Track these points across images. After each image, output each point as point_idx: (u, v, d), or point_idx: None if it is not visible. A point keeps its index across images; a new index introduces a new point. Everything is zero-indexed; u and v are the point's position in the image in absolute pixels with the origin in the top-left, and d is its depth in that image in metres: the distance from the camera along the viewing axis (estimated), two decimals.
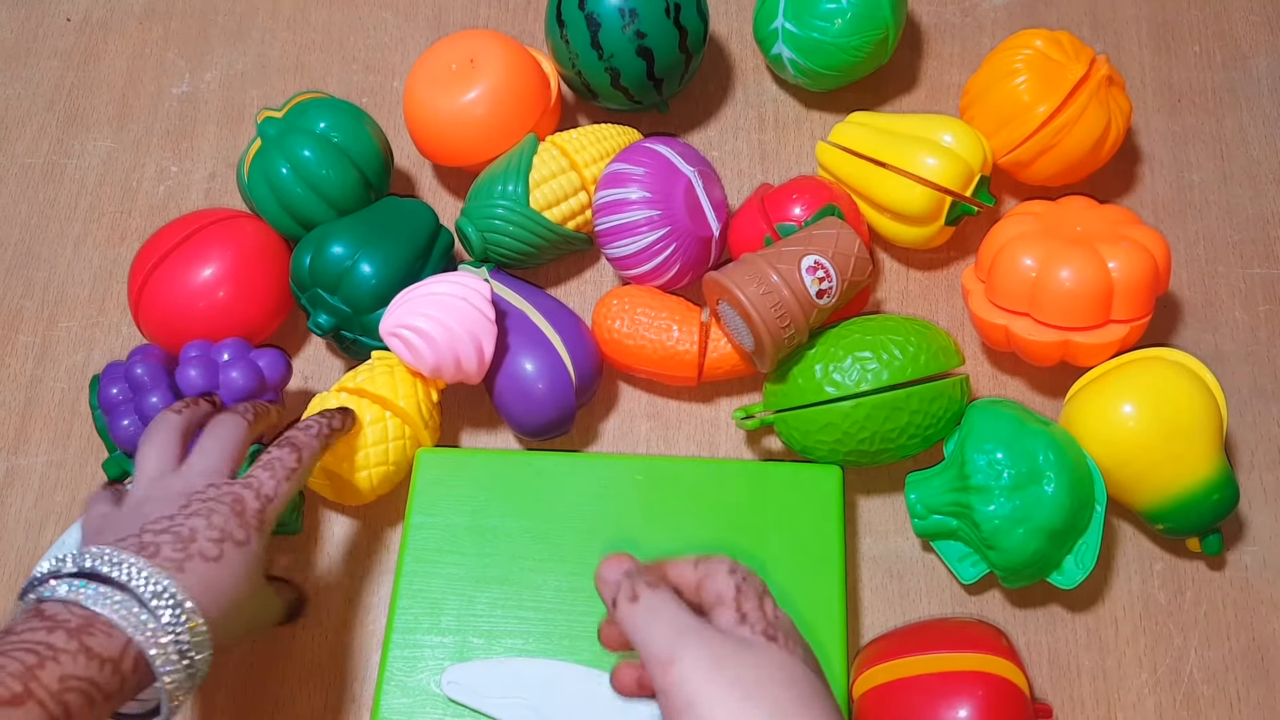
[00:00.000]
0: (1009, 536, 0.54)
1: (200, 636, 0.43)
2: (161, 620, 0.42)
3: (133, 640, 0.41)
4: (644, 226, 0.63)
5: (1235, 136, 0.74)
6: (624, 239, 0.63)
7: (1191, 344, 0.67)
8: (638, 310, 0.63)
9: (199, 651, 0.43)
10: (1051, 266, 0.59)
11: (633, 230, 0.63)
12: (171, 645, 0.42)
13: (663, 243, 0.63)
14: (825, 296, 0.58)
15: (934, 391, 0.57)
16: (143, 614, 0.42)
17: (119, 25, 0.82)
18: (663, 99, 0.71)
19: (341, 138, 0.65)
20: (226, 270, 0.63)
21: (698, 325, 0.63)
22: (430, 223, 0.65)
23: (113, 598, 0.41)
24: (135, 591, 0.42)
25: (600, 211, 0.64)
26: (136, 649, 0.41)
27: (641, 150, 0.65)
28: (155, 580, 0.42)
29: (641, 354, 0.63)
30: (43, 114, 0.78)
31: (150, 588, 0.42)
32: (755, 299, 0.56)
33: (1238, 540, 0.62)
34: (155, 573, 0.43)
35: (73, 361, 0.70)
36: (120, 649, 0.41)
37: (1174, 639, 0.60)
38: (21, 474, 0.67)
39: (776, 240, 0.63)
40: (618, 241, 0.64)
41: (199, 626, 0.43)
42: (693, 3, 0.68)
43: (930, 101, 0.76)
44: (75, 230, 0.74)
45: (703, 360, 0.63)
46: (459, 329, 0.58)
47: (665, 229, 0.63)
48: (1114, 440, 0.57)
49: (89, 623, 0.40)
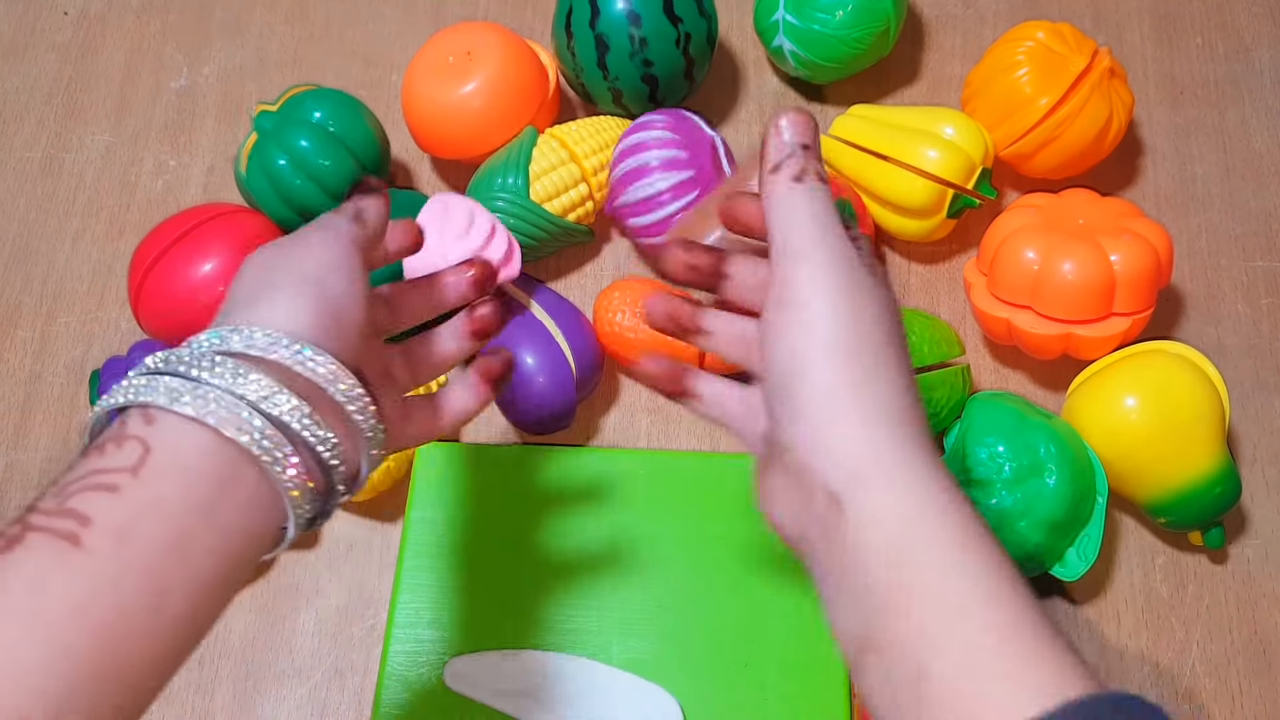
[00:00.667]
0: (1011, 529, 0.54)
1: (269, 341, 0.34)
2: (187, 360, 0.33)
3: (127, 405, 0.32)
4: (664, 168, 0.63)
5: (1238, 129, 0.73)
6: (642, 179, 0.63)
7: (1194, 337, 0.67)
8: (640, 303, 0.63)
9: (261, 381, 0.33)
10: (1053, 259, 0.58)
11: (651, 172, 0.63)
12: (195, 390, 0.32)
13: (684, 187, 0.63)
14: None
15: (936, 380, 0.57)
16: (145, 379, 0.33)
17: (117, 19, 0.81)
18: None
19: (338, 127, 0.65)
20: (227, 265, 0.63)
21: None
22: None
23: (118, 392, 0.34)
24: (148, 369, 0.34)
25: (621, 157, 0.64)
26: (139, 407, 0.32)
27: (666, 111, 0.66)
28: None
29: (643, 347, 0.63)
30: (40, 108, 0.78)
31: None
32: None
33: (1240, 534, 0.62)
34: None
35: (72, 356, 0.70)
36: (119, 422, 0.32)
37: (1176, 632, 0.60)
38: (21, 469, 0.66)
39: None
40: (635, 184, 0.63)
41: (256, 337, 0.33)
42: (703, 33, 0.68)
43: (931, 94, 0.76)
44: (73, 225, 0.74)
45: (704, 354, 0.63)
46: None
47: (689, 172, 0.63)
48: (1116, 433, 0.57)
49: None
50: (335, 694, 0.60)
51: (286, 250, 0.38)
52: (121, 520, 0.29)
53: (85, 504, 0.29)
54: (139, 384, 0.32)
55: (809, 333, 0.35)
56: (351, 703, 0.59)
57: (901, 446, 0.34)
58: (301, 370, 0.34)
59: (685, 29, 0.66)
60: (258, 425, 0.32)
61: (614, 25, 0.65)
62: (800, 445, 0.35)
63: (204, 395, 0.32)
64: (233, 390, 0.32)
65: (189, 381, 0.32)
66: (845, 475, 0.34)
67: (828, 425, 0.34)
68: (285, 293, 0.35)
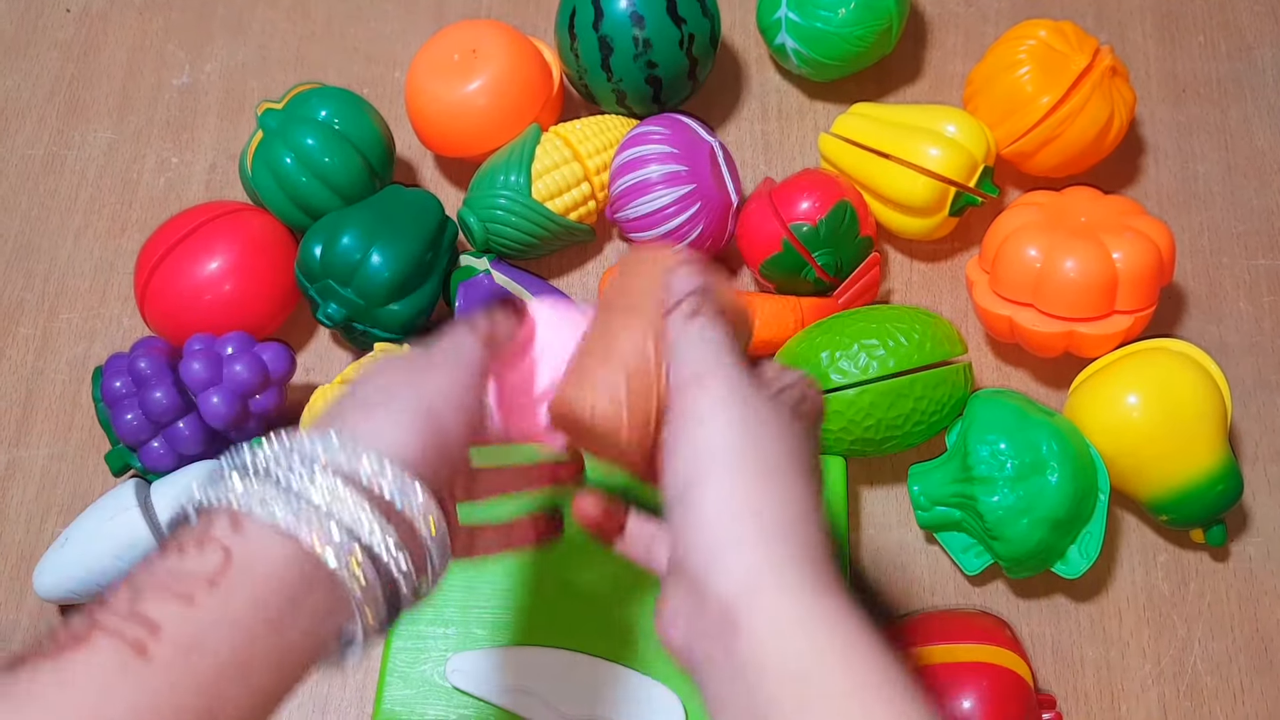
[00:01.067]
0: (1013, 527, 0.54)
1: (375, 467, 0.34)
2: (284, 456, 0.34)
3: (214, 508, 0.33)
4: (666, 184, 0.63)
5: (1240, 127, 0.73)
6: (645, 196, 0.63)
7: (1196, 335, 0.67)
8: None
9: (354, 501, 0.33)
10: (1056, 257, 0.58)
11: (653, 188, 0.63)
12: (286, 496, 0.32)
13: (686, 201, 0.63)
14: None
15: (938, 378, 0.57)
16: (236, 481, 0.33)
17: (119, 16, 0.81)
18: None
19: (343, 125, 0.65)
20: (232, 264, 0.63)
21: None
22: (438, 213, 0.65)
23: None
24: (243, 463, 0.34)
25: (622, 171, 0.64)
26: (227, 511, 0.32)
27: (663, 118, 0.66)
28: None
29: None
30: (43, 105, 0.78)
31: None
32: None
33: (1241, 531, 0.62)
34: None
35: (74, 353, 0.70)
36: (206, 523, 0.32)
37: (1178, 630, 0.60)
38: (23, 466, 0.66)
39: (794, 242, 0.62)
40: (638, 200, 0.63)
41: (333, 436, 0.34)
42: (706, 33, 0.68)
43: (933, 92, 0.76)
44: (76, 222, 0.74)
45: None
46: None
47: (691, 185, 0.63)
48: (1118, 431, 0.57)
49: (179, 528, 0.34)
50: (337, 690, 0.60)
51: (411, 369, 0.39)
52: (191, 634, 0.28)
53: (158, 610, 0.29)
54: (235, 487, 0.32)
55: (706, 445, 0.35)
56: (354, 699, 0.59)
57: (798, 561, 0.33)
58: (399, 503, 0.34)
59: (689, 29, 0.66)
60: (346, 546, 0.32)
61: (617, 27, 0.65)
62: (696, 556, 0.34)
63: (299, 511, 0.32)
64: (330, 511, 0.32)
65: (285, 492, 0.32)
66: (741, 588, 0.33)
67: (724, 535, 0.33)
68: (401, 416, 0.36)
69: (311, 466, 0.33)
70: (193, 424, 0.59)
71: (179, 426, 0.59)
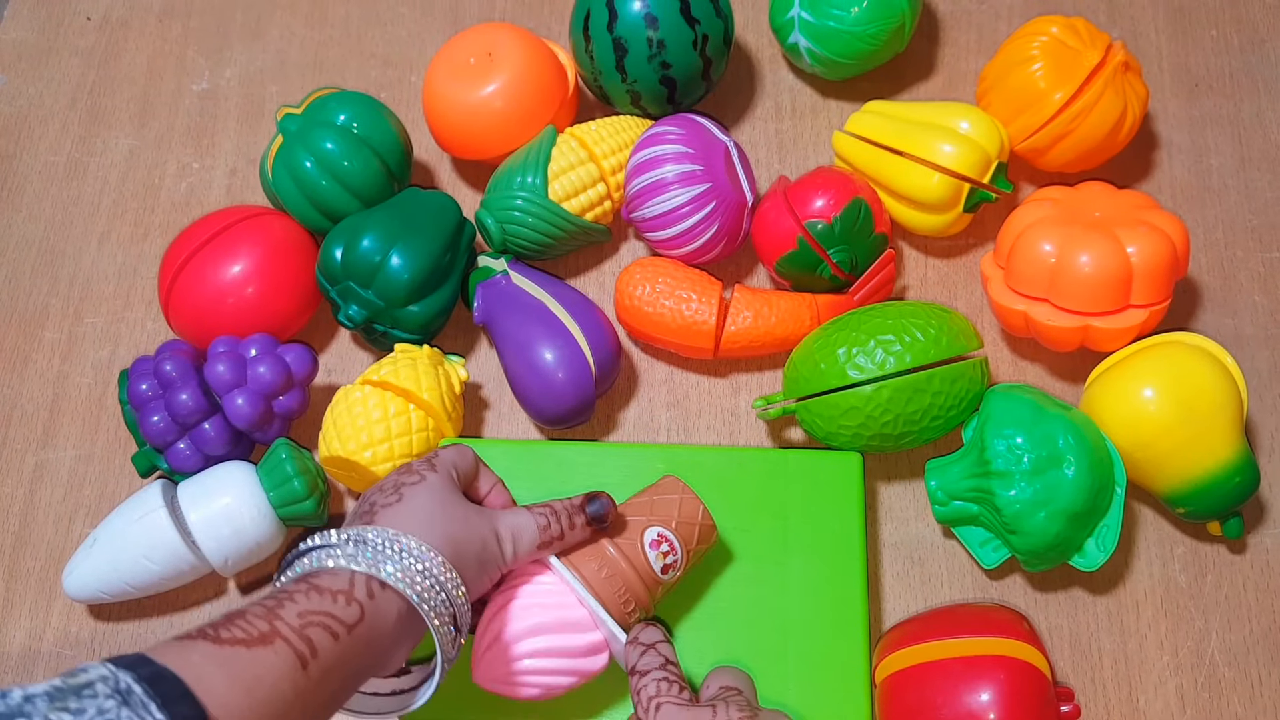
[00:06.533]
0: (1030, 520, 0.54)
1: (421, 551, 0.45)
2: (370, 544, 0.45)
3: (355, 571, 0.44)
4: (681, 183, 0.63)
5: (1253, 120, 0.74)
6: (660, 195, 0.63)
7: (1211, 328, 0.67)
8: (658, 279, 0.64)
9: (432, 566, 0.45)
10: (1070, 252, 0.59)
11: (669, 187, 0.63)
12: (396, 566, 0.44)
13: (702, 200, 0.63)
14: (670, 571, 0.52)
15: (955, 373, 0.58)
16: (351, 548, 0.45)
17: (139, 23, 0.82)
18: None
19: (362, 129, 0.66)
20: (255, 267, 0.64)
21: (717, 298, 0.64)
22: (455, 214, 0.66)
23: (323, 553, 0.45)
24: (339, 543, 0.46)
25: (637, 171, 0.64)
26: (365, 576, 0.44)
27: (678, 118, 0.66)
28: (346, 532, 0.46)
29: (660, 323, 0.64)
30: (65, 112, 0.79)
31: (343, 536, 0.46)
32: (595, 580, 0.50)
33: (1258, 523, 0.62)
34: (346, 528, 0.47)
35: (99, 357, 0.71)
36: (347, 581, 0.43)
37: (1195, 622, 0.60)
38: (51, 468, 0.68)
39: (809, 240, 0.63)
40: (654, 199, 0.64)
41: (411, 545, 0.45)
42: (720, 33, 0.68)
43: (947, 89, 0.76)
44: (99, 227, 0.75)
45: (720, 333, 0.64)
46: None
47: (706, 184, 0.63)
48: (1135, 424, 0.57)
49: (313, 573, 0.44)
50: None
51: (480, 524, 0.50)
52: (332, 660, 0.41)
53: (317, 637, 0.41)
54: (393, 563, 0.44)
55: None
56: None
57: None
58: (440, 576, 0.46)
59: (703, 30, 0.66)
60: (442, 601, 0.45)
61: (631, 28, 0.66)
62: None
63: (407, 569, 0.45)
64: (426, 570, 0.45)
65: (389, 557, 0.45)
66: None
67: None
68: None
69: (395, 539, 0.45)
70: (218, 425, 0.60)
71: (204, 428, 0.60)
